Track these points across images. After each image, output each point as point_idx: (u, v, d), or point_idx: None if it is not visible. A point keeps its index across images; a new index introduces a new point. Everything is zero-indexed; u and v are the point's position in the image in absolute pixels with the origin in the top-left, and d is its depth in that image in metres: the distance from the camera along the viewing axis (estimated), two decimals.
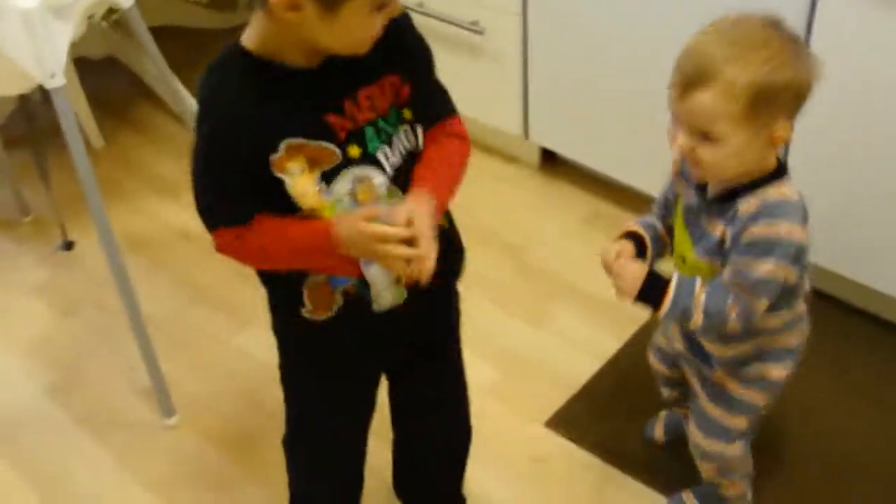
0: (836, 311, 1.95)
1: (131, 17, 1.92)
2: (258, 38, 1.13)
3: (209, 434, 1.82)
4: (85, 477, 1.77)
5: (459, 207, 1.32)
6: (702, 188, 1.30)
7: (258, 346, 1.96)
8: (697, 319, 1.27)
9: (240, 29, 1.18)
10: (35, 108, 2.26)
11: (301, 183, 1.16)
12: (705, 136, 1.17)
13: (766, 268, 1.22)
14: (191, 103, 2.40)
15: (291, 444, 1.47)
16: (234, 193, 1.17)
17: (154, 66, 2.16)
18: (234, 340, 2.00)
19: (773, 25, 1.17)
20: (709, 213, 1.28)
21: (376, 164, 1.19)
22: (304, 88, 1.14)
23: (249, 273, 2.12)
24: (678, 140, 1.20)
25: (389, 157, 1.20)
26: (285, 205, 1.17)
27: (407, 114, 1.22)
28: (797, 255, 1.24)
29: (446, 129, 1.27)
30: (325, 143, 1.15)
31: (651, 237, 1.38)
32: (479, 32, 2.20)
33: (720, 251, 1.27)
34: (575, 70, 2.11)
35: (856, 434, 1.73)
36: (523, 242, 2.19)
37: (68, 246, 2.26)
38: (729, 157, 1.19)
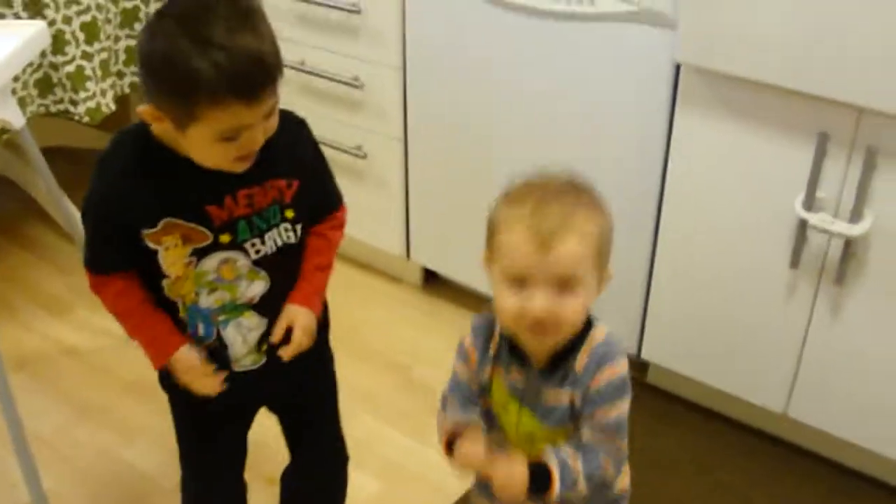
0: (699, 415, 2.09)
1: (23, 137, 1.97)
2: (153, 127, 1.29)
3: None
4: None
5: (344, 326, 1.43)
6: (525, 365, 1.29)
7: (144, 460, 1.99)
8: (582, 488, 1.26)
9: None
10: None
11: (171, 255, 1.32)
12: (566, 288, 1.18)
13: (623, 407, 1.26)
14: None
15: (182, 485, 1.62)
16: (102, 246, 1.35)
17: (45, 186, 2.21)
18: (120, 455, 2.01)
19: (578, 180, 1.25)
20: (546, 385, 1.27)
21: (243, 251, 1.35)
22: (190, 179, 1.29)
23: (137, 388, 2.16)
24: (536, 304, 1.17)
25: (258, 246, 1.36)
26: (155, 268, 1.33)
27: (289, 213, 1.38)
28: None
29: (329, 223, 1.46)
30: (199, 227, 1.30)
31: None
32: (363, 157, 2.32)
33: (572, 415, 1.27)
34: (453, 193, 2.24)
35: None
36: (407, 360, 2.27)
37: None
38: (585, 305, 1.21)
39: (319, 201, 1.44)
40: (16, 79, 2.15)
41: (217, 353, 1.41)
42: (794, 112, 1.68)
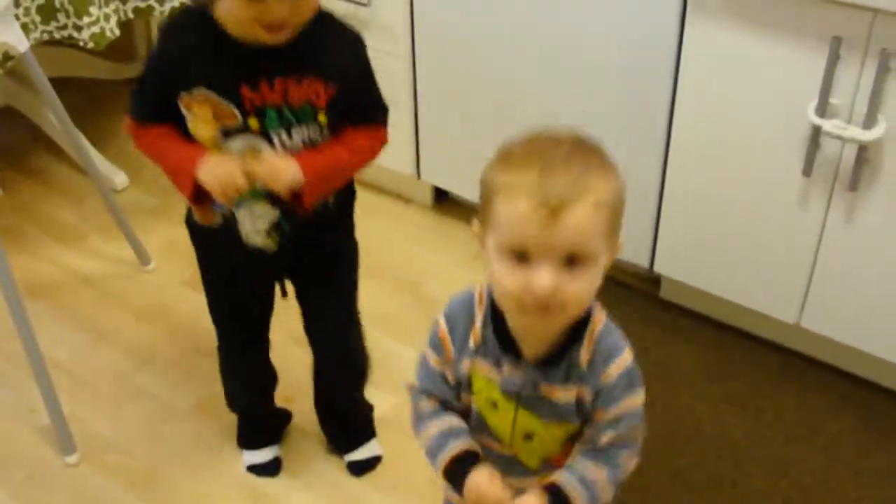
0: (711, 328, 2.10)
1: (28, 64, 1.96)
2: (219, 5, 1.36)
3: (110, 470, 1.85)
4: None
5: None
6: (520, 359, 1.16)
7: (159, 385, 2.02)
8: (608, 497, 1.19)
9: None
10: None
11: (199, 127, 1.40)
12: (575, 264, 1.04)
13: (641, 396, 1.18)
14: (93, 153, 2.45)
15: (220, 369, 1.77)
16: (146, 97, 1.43)
17: (54, 117, 2.20)
18: (135, 378, 2.04)
19: (586, 140, 1.11)
20: (548, 381, 1.16)
21: (269, 139, 1.39)
22: (234, 56, 1.37)
23: (150, 314, 2.18)
24: (542, 281, 1.03)
25: (283, 139, 1.40)
26: (187, 132, 1.42)
27: (322, 118, 1.41)
28: None
29: (367, 130, 1.47)
30: (228, 104, 1.36)
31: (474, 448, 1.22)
32: None
33: (580, 411, 1.17)
34: (462, 111, 2.22)
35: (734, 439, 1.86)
36: (417, 278, 2.28)
37: None
38: (593, 283, 1.08)
39: (359, 112, 1.46)
40: (18, 5, 2.13)
41: (229, 227, 1.49)
42: (807, 17, 1.65)
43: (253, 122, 1.38)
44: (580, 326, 1.15)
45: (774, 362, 2.03)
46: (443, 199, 2.50)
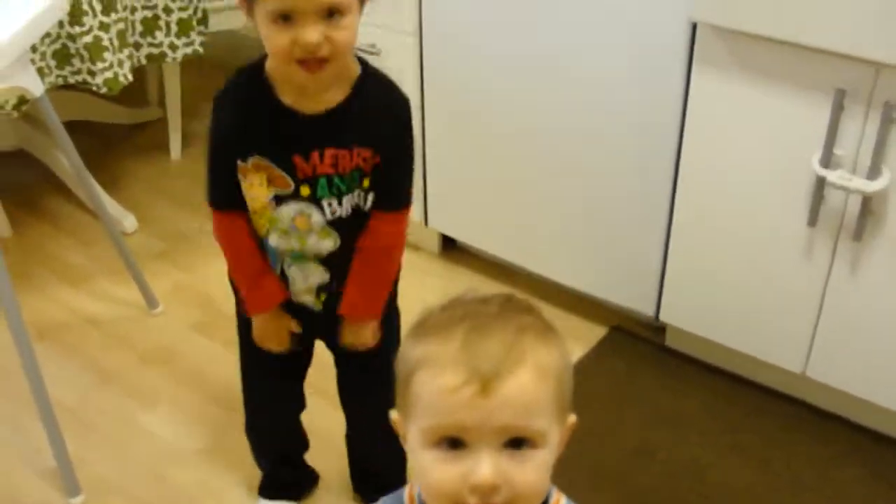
0: (717, 377, 2.10)
1: (42, 107, 1.99)
2: (269, 60, 1.36)
3: None
4: None
5: None
6: None
7: (164, 427, 2.01)
8: None
9: (150, 124, 1.36)
10: None
11: (254, 190, 1.41)
12: (519, 447, 0.84)
13: None
14: (104, 198, 2.47)
15: (245, 424, 1.76)
16: (214, 177, 1.45)
17: (66, 159, 2.22)
18: (141, 421, 2.04)
19: (518, 300, 0.94)
20: None
21: (320, 207, 1.40)
22: (286, 125, 1.37)
23: (156, 356, 2.18)
24: (483, 471, 0.83)
25: (334, 206, 1.41)
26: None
27: (366, 183, 1.42)
28: None
29: (382, 227, 1.47)
30: (283, 173, 1.38)
31: None
32: None
33: None
34: (470, 159, 2.24)
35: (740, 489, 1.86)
36: None
37: None
38: (547, 468, 0.87)
39: (391, 193, 1.47)
40: (34, 49, 2.16)
41: (282, 279, 1.51)
42: (811, 69, 1.67)
43: (305, 190, 1.40)
44: None
45: (782, 412, 2.02)
46: (450, 247, 2.51)
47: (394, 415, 0.93)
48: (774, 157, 1.78)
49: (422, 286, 2.41)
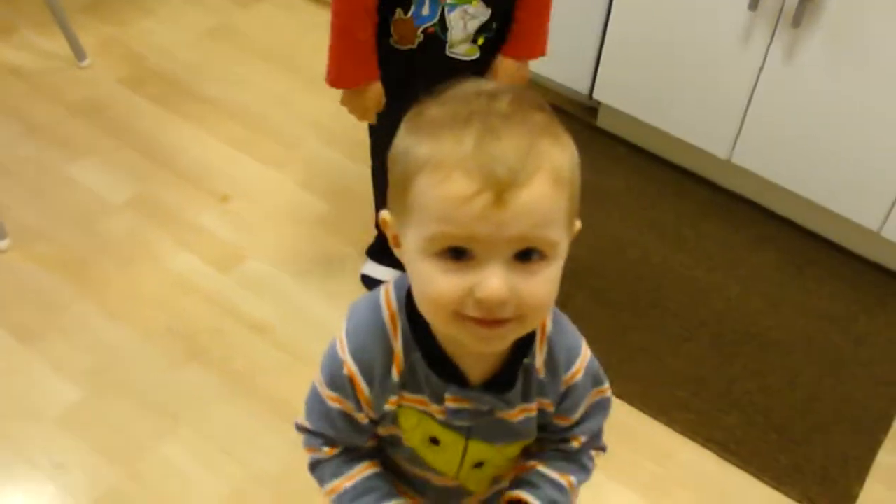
0: (644, 158, 2.15)
1: None
2: None
3: (40, 259, 1.85)
4: None
5: None
6: (464, 387, 0.90)
7: (92, 178, 2.00)
8: (577, 495, 1.02)
9: None
10: None
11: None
12: (529, 259, 0.78)
13: (607, 387, 1.00)
14: None
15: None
16: None
17: None
18: (68, 171, 2.02)
19: (527, 95, 0.83)
20: (503, 405, 0.92)
21: None
22: None
23: (84, 109, 2.13)
24: (493, 284, 0.76)
25: None
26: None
27: None
28: None
29: None
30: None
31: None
32: None
33: (541, 422, 0.97)
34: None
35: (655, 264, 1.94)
36: None
37: None
38: (556, 282, 0.81)
39: None
40: None
41: (434, 38, 1.48)
42: None
43: None
44: (526, 340, 0.90)
45: (702, 196, 2.08)
46: None
47: (385, 214, 0.85)
48: None
49: None
